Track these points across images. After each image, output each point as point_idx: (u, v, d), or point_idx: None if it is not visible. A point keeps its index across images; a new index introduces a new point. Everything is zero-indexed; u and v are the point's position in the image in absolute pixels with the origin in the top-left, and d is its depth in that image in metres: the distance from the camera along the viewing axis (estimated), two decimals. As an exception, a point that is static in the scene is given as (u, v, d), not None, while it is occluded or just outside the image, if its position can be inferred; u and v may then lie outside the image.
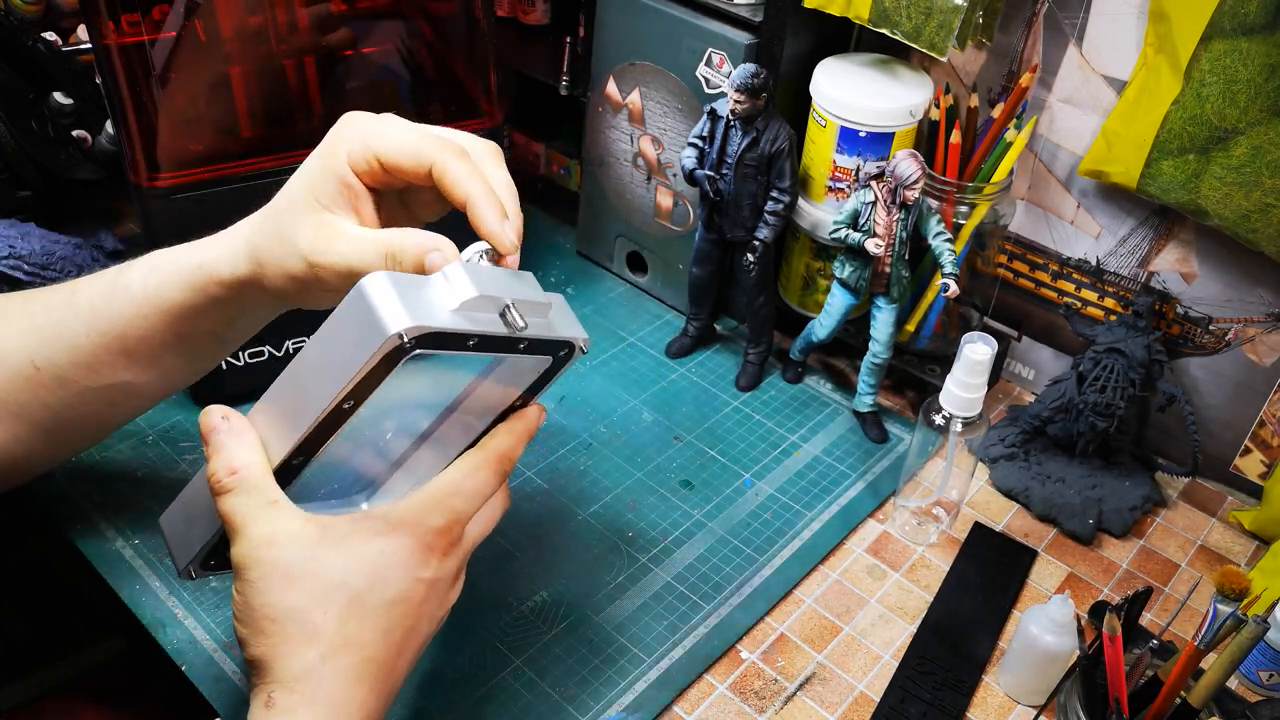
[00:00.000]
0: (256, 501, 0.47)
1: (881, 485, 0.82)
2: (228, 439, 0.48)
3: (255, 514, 0.47)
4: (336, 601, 0.47)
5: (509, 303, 0.48)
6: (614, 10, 0.89)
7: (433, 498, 0.51)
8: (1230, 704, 0.60)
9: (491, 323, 0.47)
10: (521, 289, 0.50)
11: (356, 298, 0.44)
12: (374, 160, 0.51)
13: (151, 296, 0.56)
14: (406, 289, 0.45)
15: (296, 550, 0.47)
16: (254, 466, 0.48)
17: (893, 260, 0.79)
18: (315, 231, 0.51)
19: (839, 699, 0.66)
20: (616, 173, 0.96)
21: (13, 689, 1.02)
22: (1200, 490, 0.84)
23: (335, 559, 0.48)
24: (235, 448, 0.48)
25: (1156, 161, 0.73)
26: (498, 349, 0.48)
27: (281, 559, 0.47)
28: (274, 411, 0.49)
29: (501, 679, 0.66)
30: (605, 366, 0.91)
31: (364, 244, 0.50)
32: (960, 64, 0.84)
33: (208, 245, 0.56)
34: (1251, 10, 0.66)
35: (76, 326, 0.57)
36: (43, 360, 0.58)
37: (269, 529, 0.47)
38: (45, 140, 0.88)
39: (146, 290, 0.56)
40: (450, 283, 0.46)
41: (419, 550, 0.49)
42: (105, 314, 0.57)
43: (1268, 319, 0.76)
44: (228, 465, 0.48)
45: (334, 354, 0.45)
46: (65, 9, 1.00)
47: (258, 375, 0.82)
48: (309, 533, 0.48)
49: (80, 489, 0.76)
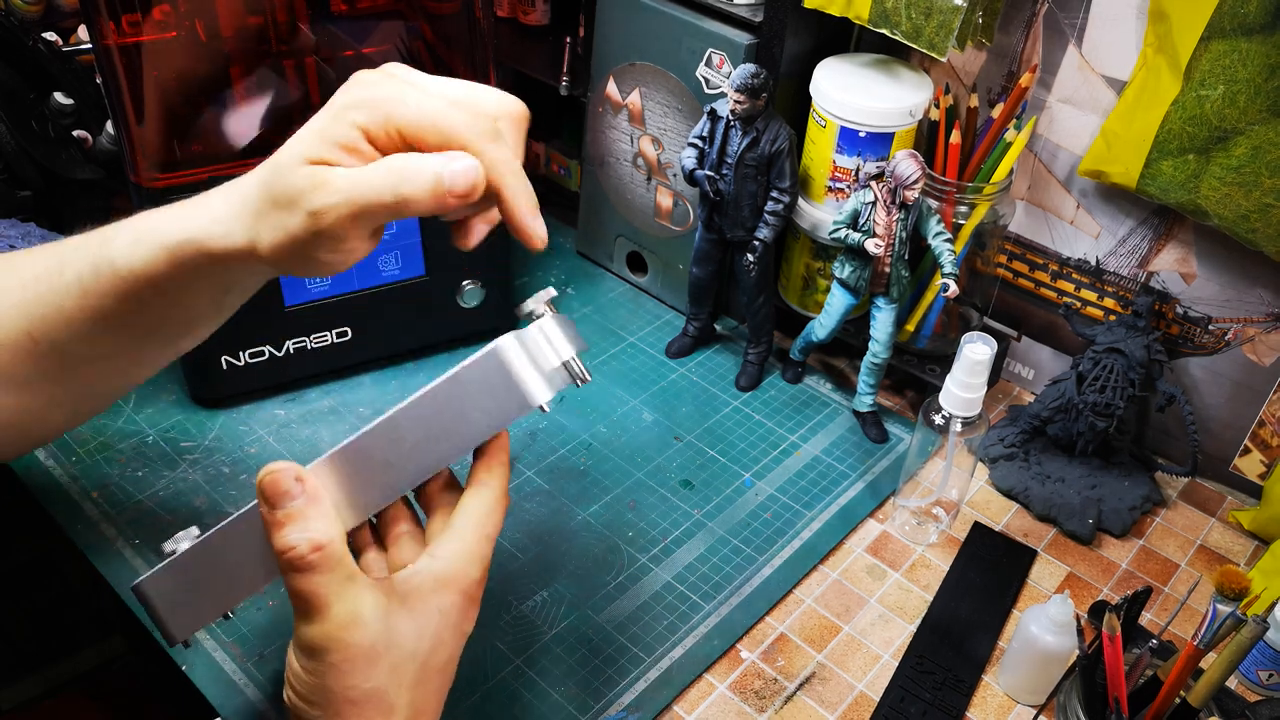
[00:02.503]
0: (338, 578, 0.44)
1: (881, 485, 0.82)
2: (306, 508, 0.44)
3: (339, 593, 0.44)
4: (409, 674, 0.46)
5: (573, 357, 0.48)
6: (614, 10, 0.89)
7: (470, 550, 0.48)
8: (1230, 704, 0.60)
9: (562, 378, 0.48)
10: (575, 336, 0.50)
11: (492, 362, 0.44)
12: (394, 131, 0.46)
13: (138, 273, 0.51)
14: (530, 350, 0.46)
15: (377, 627, 0.45)
16: (337, 541, 0.44)
17: (893, 260, 0.79)
18: (310, 178, 0.46)
19: (839, 699, 0.66)
20: (616, 173, 0.96)
21: (13, 689, 1.02)
22: (1200, 490, 0.84)
23: (404, 628, 0.46)
24: (315, 518, 0.44)
25: (1156, 161, 0.73)
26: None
27: (366, 640, 0.44)
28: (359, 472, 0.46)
29: (501, 679, 0.66)
30: (605, 366, 0.91)
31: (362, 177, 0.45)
32: (960, 64, 0.84)
33: (194, 213, 0.50)
34: (1251, 10, 0.66)
35: (68, 302, 0.54)
36: (40, 333, 0.55)
37: (352, 608, 0.44)
38: (45, 140, 0.88)
39: (133, 267, 0.51)
40: (549, 341, 0.47)
41: (465, 605, 0.48)
42: (94, 291, 0.53)
43: (1267, 319, 0.76)
44: (311, 540, 0.44)
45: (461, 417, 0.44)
46: (65, 9, 1.00)
47: (258, 375, 0.82)
48: (383, 604, 0.45)
49: (80, 489, 0.76)
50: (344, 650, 0.44)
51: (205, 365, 0.80)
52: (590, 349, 0.93)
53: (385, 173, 0.44)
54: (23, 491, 0.76)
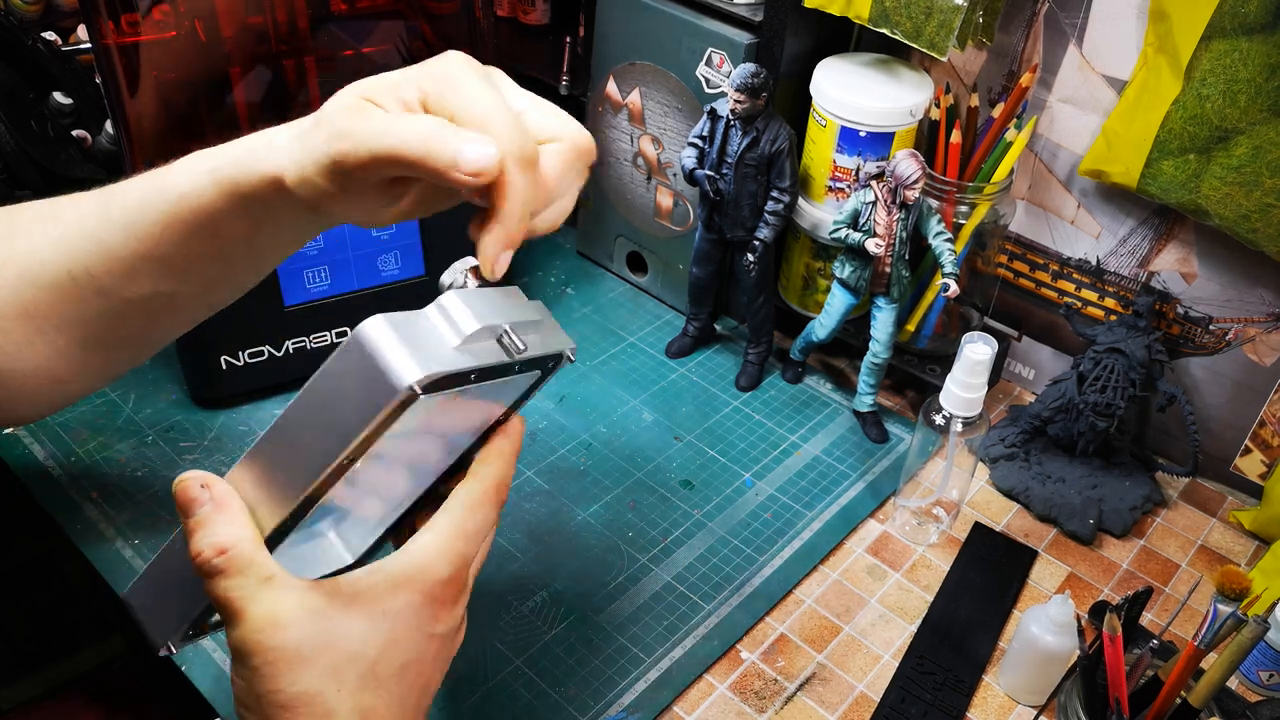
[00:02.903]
0: (251, 581, 0.43)
1: (881, 485, 0.82)
2: (212, 514, 0.43)
3: (252, 595, 0.43)
4: (350, 676, 0.44)
5: (506, 328, 0.45)
6: (614, 10, 0.89)
7: (437, 546, 0.46)
8: (1230, 704, 0.60)
9: (490, 352, 0.44)
10: (512, 307, 0.46)
11: (354, 347, 0.41)
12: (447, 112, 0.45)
13: (188, 198, 0.51)
14: (406, 329, 0.42)
15: (302, 629, 0.43)
16: (244, 543, 0.43)
17: (893, 260, 0.79)
18: (353, 106, 0.45)
19: (839, 699, 0.66)
20: (616, 173, 0.96)
21: (13, 689, 1.02)
22: (1200, 490, 0.84)
23: (344, 630, 0.44)
24: (221, 523, 0.43)
25: (1157, 161, 0.73)
26: (496, 375, 0.45)
27: (289, 641, 0.42)
28: (263, 474, 0.44)
29: (501, 679, 0.66)
30: (605, 366, 0.91)
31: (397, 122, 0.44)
32: (960, 64, 0.84)
33: (251, 141, 0.50)
34: (1251, 10, 0.66)
35: (111, 235, 0.53)
36: (80, 271, 0.54)
37: (269, 609, 0.43)
38: (45, 140, 0.88)
39: (182, 192, 0.51)
40: (449, 316, 0.43)
41: (427, 606, 0.46)
42: (141, 221, 0.52)
43: (1268, 319, 0.76)
44: (214, 544, 0.43)
45: (334, 410, 0.42)
46: (65, 9, 1.00)
47: (258, 375, 0.82)
48: (314, 605, 0.43)
49: (80, 489, 0.76)
50: (264, 653, 0.43)
51: (205, 365, 0.80)
52: (590, 349, 0.93)
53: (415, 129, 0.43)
54: (23, 491, 0.76)
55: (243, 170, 0.49)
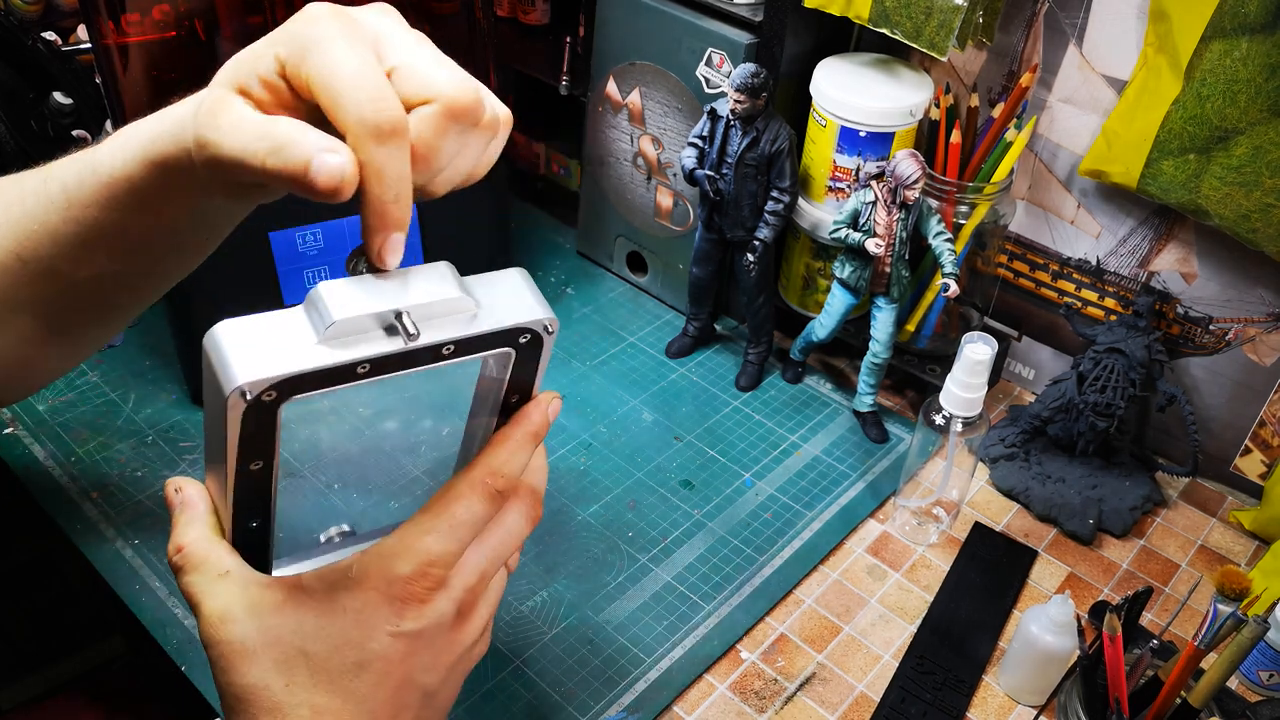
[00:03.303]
0: (206, 577, 0.44)
1: (881, 485, 0.82)
2: (178, 515, 0.46)
3: (207, 590, 0.44)
4: (300, 672, 0.44)
5: (402, 312, 0.40)
6: (614, 10, 0.89)
7: (401, 543, 0.45)
8: (1230, 704, 0.60)
9: (379, 341, 0.40)
10: (423, 288, 0.41)
11: (204, 353, 0.39)
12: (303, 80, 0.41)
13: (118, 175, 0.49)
14: (260, 330, 0.39)
15: (251, 623, 0.43)
16: (198, 541, 0.45)
17: (893, 260, 0.79)
18: (210, 106, 0.42)
19: (839, 699, 0.66)
20: (616, 173, 0.96)
21: (13, 689, 1.02)
22: (1200, 490, 0.84)
23: (294, 625, 0.44)
24: (182, 523, 0.46)
25: (1157, 161, 0.73)
26: (412, 364, 0.41)
27: (236, 635, 0.43)
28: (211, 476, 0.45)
29: (501, 679, 0.66)
30: (605, 366, 0.91)
31: (246, 127, 0.40)
32: (960, 64, 0.84)
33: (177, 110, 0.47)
34: (1251, 10, 0.66)
35: (53, 216, 0.51)
36: (28, 253, 0.53)
37: (221, 604, 0.44)
38: (45, 140, 0.88)
39: (113, 170, 0.49)
40: (318, 309, 0.39)
41: (386, 604, 0.44)
42: (79, 201, 0.51)
43: (1268, 319, 0.76)
44: (174, 543, 0.45)
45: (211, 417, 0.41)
46: (65, 9, 1.00)
47: (257, 375, 0.82)
48: (268, 600, 0.44)
49: (80, 489, 0.76)
50: (217, 646, 0.44)
51: (205, 365, 0.80)
52: (590, 349, 0.93)
53: (263, 137, 0.40)
54: (23, 491, 0.76)
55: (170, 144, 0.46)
